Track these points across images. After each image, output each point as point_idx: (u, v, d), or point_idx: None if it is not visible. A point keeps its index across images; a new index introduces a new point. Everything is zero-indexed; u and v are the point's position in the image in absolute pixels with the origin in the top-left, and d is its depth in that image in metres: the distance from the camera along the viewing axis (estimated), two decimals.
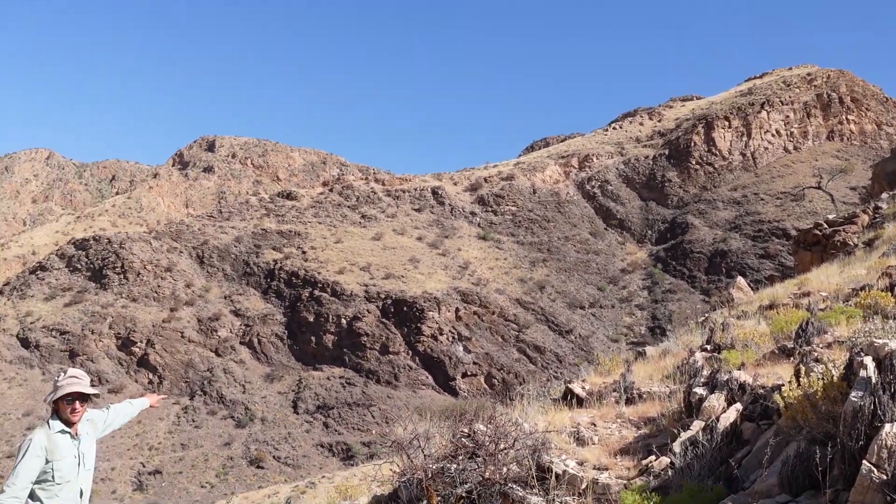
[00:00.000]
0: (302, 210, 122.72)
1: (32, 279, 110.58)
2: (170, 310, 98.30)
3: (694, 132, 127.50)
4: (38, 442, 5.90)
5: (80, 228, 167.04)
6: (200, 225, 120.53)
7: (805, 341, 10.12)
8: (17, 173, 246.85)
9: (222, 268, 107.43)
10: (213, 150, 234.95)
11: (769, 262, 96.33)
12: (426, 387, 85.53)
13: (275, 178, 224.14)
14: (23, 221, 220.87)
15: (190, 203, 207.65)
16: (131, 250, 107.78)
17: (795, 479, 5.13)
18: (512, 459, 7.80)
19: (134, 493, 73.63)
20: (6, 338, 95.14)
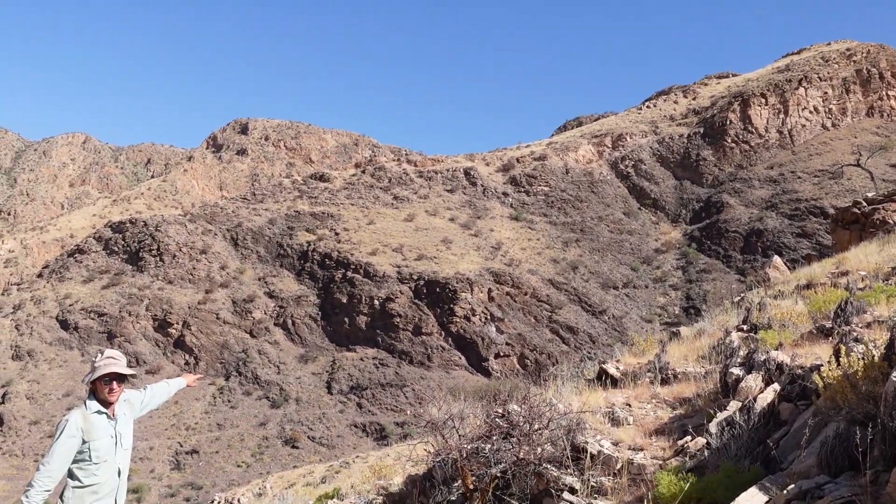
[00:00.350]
0: (334, 192, 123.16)
1: (71, 262, 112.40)
2: (205, 292, 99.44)
3: (730, 110, 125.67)
4: (74, 422, 5.98)
5: (116, 212, 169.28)
6: (234, 207, 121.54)
7: (844, 321, 9.96)
8: (54, 158, 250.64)
9: (256, 250, 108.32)
10: (247, 132, 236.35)
11: (806, 241, 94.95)
12: (459, 367, 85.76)
13: (307, 160, 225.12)
14: (60, 205, 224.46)
15: (224, 185, 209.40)
16: (167, 233, 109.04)
17: (834, 459, 5.06)
18: (546, 440, 7.79)
19: (172, 472, 74.87)
20: (46, 320, 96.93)
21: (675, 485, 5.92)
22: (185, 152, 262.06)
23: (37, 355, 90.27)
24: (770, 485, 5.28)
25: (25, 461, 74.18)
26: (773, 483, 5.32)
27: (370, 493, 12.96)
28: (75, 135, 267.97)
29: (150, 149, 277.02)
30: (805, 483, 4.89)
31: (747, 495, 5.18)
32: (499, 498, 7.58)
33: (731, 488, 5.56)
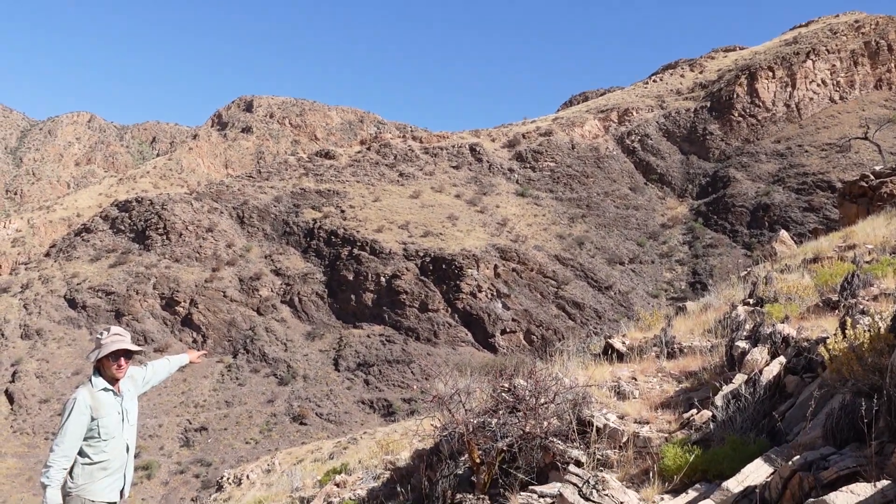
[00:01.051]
0: (340, 169, 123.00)
1: (78, 241, 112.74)
2: (212, 270, 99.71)
3: (737, 83, 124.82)
4: (83, 400, 6.01)
5: (122, 190, 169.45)
6: (240, 185, 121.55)
7: (850, 294, 9.94)
8: (59, 137, 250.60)
9: (262, 227, 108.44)
10: (251, 110, 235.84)
11: (813, 215, 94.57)
12: (465, 344, 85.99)
13: (312, 138, 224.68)
14: (67, 184, 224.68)
15: (229, 163, 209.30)
16: (173, 211, 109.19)
17: (840, 431, 5.07)
18: (552, 414, 7.82)
19: (181, 448, 75.49)
20: (54, 299, 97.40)
21: (680, 457, 5.94)
22: (190, 130, 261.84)
23: (45, 334, 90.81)
24: (775, 456, 5.30)
25: (36, 439, 74.87)
26: (778, 454, 5.34)
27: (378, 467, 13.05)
28: (80, 114, 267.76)
29: (156, 127, 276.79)
30: (810, 454, 4.90)
31: (752, 466, 5.20)
32: (505, 471, 7.62)
33: (736, 460, 5.58)
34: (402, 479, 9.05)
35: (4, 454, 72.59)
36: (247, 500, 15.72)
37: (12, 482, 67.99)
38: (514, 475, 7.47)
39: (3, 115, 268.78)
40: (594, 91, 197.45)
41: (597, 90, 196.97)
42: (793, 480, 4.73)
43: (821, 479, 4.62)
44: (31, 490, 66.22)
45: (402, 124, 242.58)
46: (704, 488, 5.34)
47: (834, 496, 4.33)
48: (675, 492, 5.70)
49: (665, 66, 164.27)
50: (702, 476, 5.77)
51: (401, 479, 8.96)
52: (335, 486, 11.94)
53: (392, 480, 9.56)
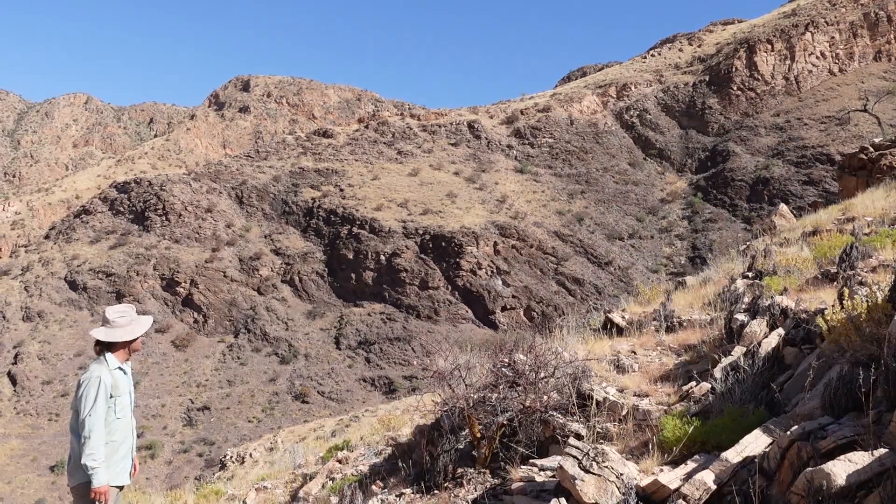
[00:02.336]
0: (338, 147, 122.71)
1: (77, 223, 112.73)
2: (212, 250, 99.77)
3: (735, 57, 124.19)
4: (105, 378, 6.02)
5: (120, 172, 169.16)
6: (238, 165, 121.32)
7: (849, 265, 9.94)
8: (56, 119, 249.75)
9: (261, 207, 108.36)
10: (248, 89, 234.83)
11: (813, 188, 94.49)
12: (466, 321, 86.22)
13: (310, 117, 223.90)
14: (65, 166, 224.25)
15: (227, 143, 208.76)
16: (172, 192, 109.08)
17: (838, 401, 5.09)
18: (552, 388, 7.84)
19: (184, 428, 75.90)
20: (55, 281, 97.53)
21: (679, 429, 5.97)
22: (187, 111, 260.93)
23: (47, 316, 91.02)
24: (774, 427, 5.33)
25: (39, 420, 75.24)
26: (776, 425, 5.37)
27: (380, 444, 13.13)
28: (77, 95, 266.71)
29: (153, 108, 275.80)
30: (808, 424, 4.93)
31: (751, 437, 5.23)
32: (506, 445, 7.66)
33: (735, 431, 5.61)
34: (403, 454, 9.10)
35: (8, 435, 73.00)
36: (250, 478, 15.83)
37: (17, 463, 68.42)
38: (515, 449, 7.52)
39: (0, 97, 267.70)
40: (592, 66, 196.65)
41: (595, 65, 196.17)
42: (791, 450, 4.76)
43: (819, 448, 4.65)
44: (36, 471, 66.67)
45: (400, 102, 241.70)
46: (703, 459, 5.38)
47: (832, 465, 4.35)
48: (674, 463, 5.73)
49: (663, 40, 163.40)
50: (701, 447, 5.80)
51: (402, 455, 9.01)
52: (337, 462, 12.02)
53: (394, 456, 9.62)
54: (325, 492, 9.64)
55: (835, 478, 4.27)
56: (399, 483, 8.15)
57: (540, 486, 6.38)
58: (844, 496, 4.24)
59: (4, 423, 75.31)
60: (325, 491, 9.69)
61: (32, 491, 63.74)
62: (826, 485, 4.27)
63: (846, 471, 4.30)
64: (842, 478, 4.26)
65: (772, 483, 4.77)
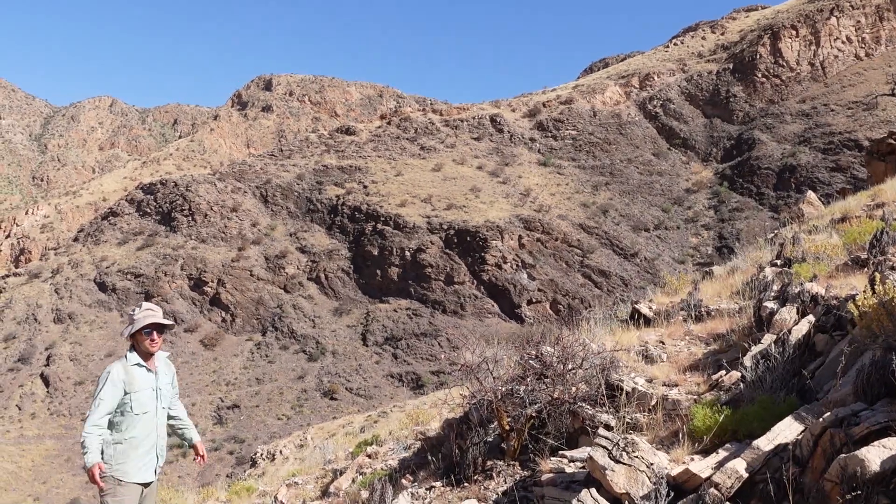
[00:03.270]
0: (361, 144, 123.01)
1: (105, 225, 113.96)
2: (238, 249, 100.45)
3: (759, 44, 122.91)
4: (117, 374, 6.08)
5: (146, 173, 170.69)
6: (262, 164, 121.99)
7: (880, 251, 9.81)
8: (82, 122, 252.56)
9: (286, 206, 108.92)
10: (271, 88, 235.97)
11: (840, 175, 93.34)
12: (492, 315, 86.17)
13: (332, 114, 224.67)
14: (91, 169, 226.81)
15: (251, 143, 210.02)
16: (197, 192, 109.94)
17: (871, 387, 5.03)
18: (580, 379, 7.82)
19: (214, 426, 76.57)
20: (84, 283, 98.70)
21: (710, 418, 5.93)
22: (210, 111, 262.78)
23: (77, 318, 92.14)
24: (806, 414, 5.28)
25: (72, 420, 76.20)
26: (808, 412, 5.32)
27: (408, 438, 13.16)
28: (102, 98, 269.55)
29: (177, 109, 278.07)
30: (841, 411, 4.88)
31: (783, 425, 5.19)
32: (535, 437, 7.65)
33: (766, 419, 5.56)
34: (432, 448, 9.12)
35: (42, 436, 74.06)
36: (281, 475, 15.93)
37: (51, 463, 69.40)
38: (544, 441, 7.50)
39: (27, 102, 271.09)
40: (614, 57, 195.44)
41: (617, 56, 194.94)
42: (824, 437, 4.72)
43: (852, 434, 4.61)
44: (71, 471, 67.54)
45: (422, 97, 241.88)
46: (735, 448, 5.34)
47: (865, 451, 4.31)
48: (705, 452, 5.70)
49: (686, 28, 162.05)
50: (732, 436, 5.76)
51: (431, 449, 9.03)
52: (367, 457, 12.06)
53: (423, 450, 9.63)
54: (355, 486, 9.69)
55: (869, 464, 4.23)
56: (429, 476, 8.16)
57: (570, 477, 6.36)
58: (879, 482, 4.20)
59: (39, 424, 76.41)
60: (356, 485, 9.74)
61: (67, 490, 64.62)
62: (860, 471, 4.22)
63: (880, 456, 4.25)
64: (876, 464, 4.22)
65: (804, 470, 4.73)
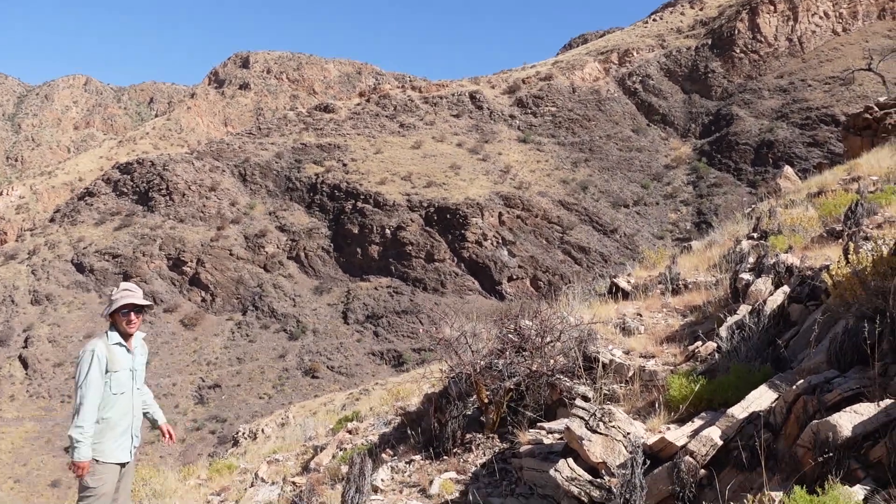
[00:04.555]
0: (340, 122, 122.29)
1: (81, 205, 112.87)
2: (217, 228, 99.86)
3: (738, 19, 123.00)
4: (100, 351, 6.02)
5: (122, 153, 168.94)
6: (240, 143, 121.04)
7: (854, 223, 9.91)
8: (56, 101, 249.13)
9: (265, 184, 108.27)
10: (248, 66, 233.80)
11: (818, 150, 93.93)
12: (473, 292, 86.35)
13: (311, 92, 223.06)
14: (67, 148, 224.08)
15: (228, 121, 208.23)
16: (175, 172, 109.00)
17: (844, 355, 5.09)
18: (558, 352, 7.87)
19: (196, 406, 76.46)
20: (61, 264, 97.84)
21: (685, 387, 5.98)
22: (187, 89, 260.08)
23: (55, 299, 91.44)
24: (780, 382, 5.33)
25: (52, 402, 75.83)
26: (782, 380, 5.37)
27: (389, 414, 13.19)
28: (76, 77, 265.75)
29: (153, 87, 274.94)
30: (814, 378, 4.93)
31: (757, 393, 5.24)
32: (513, 410, 7.70)
33: (741, 388, 5.61)
34: (412, 422, 9.14)
35: (22, 418, 73.66)
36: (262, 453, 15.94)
37: (31, 444, 69.09)
38: (523, 413, 7.55)
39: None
40: (594, 33, 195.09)
41: (596, 32, 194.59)
42: (797, 404, 4.77)
43: (825, 401, 4.66)
44: (51, 452, 67.31)
45: (401, 74, 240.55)
46: (710, 416, 5.38)
47: (838, 416, 4.36)
48: (680, 421, 5.75)
49: (665, 4, 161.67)
50: (707, 405, 5.81)
51: (411, 423, 9.05)
52: (347, 433, 12.09)
53: (403, 425, 9.66)
54: (335, 462, 9.71)
55: (841, 429, 4.28)
56: (409, 450, 8.19)
57: (548, 448, 6.41)
58: (850, 447, 4.25)
59: (18, 407, 75.96)
60: (336, 461, 9.76)
61: (48, 472, 64.42)
62: (832, 436, 4.27)
63: (852, 422, 4.31)
64: (847, 429, 4.27)
65: (778, 437, 4.79)
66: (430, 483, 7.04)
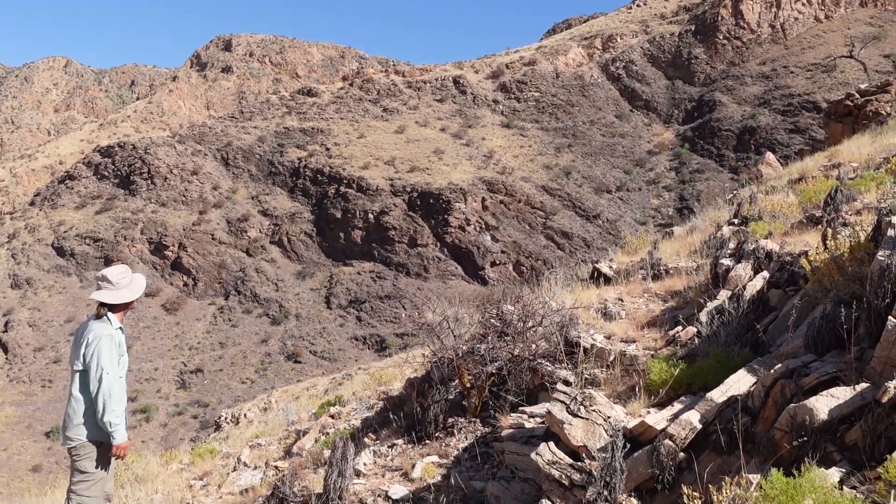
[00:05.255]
0: (323, 106, 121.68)
1: (62, 189, 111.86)
2: (199, 213, 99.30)
3: (721, 5, 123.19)
4: (115, 336, 6.02)
5: (104, 136, 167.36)
6: (223, 126, 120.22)
7: (834, 209, 10.00)
8: (36, 83, 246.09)
9: (247, 168, 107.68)
10: (230, 49, 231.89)
11: (799, 136, 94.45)
12: (455, 277, 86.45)
13: (294, 75, 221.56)
14: (47, 131, 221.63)
15: (211, 104, 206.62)
16: (156, 155, 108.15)
17: (821, 339, 5.15)
18: (540, 336, 7.92)
19: (178, 391, 76.24)
20: (42, 247, 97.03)
21: (665, 372, 6.04)
22: (169, 72, 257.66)
23: (35, 283, 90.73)
24: (758, 366, 5.40)
25: (33, 387, 75.40)
26: (761, 365, 5.44)
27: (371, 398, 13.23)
28: (56, 59, 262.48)
29: (134, 70, 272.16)
30: (792, 362, 5.00)
31: (736, 377, 5.30)
32: (495, 394, 7.75)
33: (720, 372, 5.68)
34: (394, 407, 9.18)
35: (2, 403, 73.19)
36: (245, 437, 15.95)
37: (12, 430, 68.68)
38: (505, 398, 7.60)
39: None
40: (577, 18, 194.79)
41: (580, 17, 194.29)
42: (775, 388, 4.83)
43: (802, 385, 4.72)
44: (32, 437, 66.98)
45: (385, 59, 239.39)
46: (689, 400, 5.45)
47: (814, 400, 4.43)
48: (660, 405, 5.81)
49: None
50: (687, 389, 5.87)
51: (394, 408, 9.09)
52: (330, 417, 12.11)
53: (385, 409, 9.70)
54: (318, 446, 9.73)
55: (817, 412, 4.34)
56: (391, 434, 8.23)
57: (529, 432, 6.46)
58: (827, 430, 4.32)
59: None
60: (318, 445, 9.79)
61: (29, 457, 64.10)
62: (809, 419, 4.34)
63: (828, 405, 4.37)
64: (824, 412, 4.34)
65: (756, 421, 4.85)
66: (412, 467, 7.08)
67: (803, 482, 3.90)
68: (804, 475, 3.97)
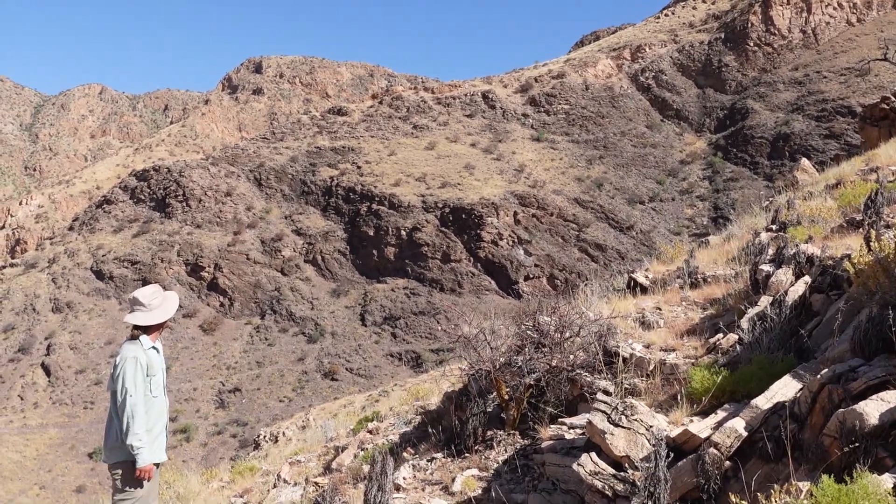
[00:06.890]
0: (353, 125, 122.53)
1: (99, 213, 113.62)
2: (233, 233, 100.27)
3: (751, 12, 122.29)
4: (142, 358, 6.05)
5: (139, 160, 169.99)
6: (255, 147, 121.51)
7: (875, 212, 9.82)
8: (73, 110, 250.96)
9: (280, 188, 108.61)
10: (261, 71, 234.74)
11: (834, 141, 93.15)
12: (490, 292, 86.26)
13: (324, 95, 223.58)
14: (84, 157, 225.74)
15: (242, 126, 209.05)
16: (191, 178, 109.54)
17: (868, 343, 5.04)
18: (578, 347, 7.84)
19: (217, 410, 76.77)
20: (81, 271, 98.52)
21: (707, 379, 5.94)
22: (201, 96, 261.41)
23: (76, 306, 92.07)
24: (803, 372, 5.29)
25: (75, 409, 76.39)
26: (806, 370, 5.33)
27: (409, 413, 13.20)
28: (91, 86, 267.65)
29: (167, 94, 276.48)
30: (839, 367, 4.88)
31: (781, 383, 5.19)
32: (534, 406, 7.68)
33: (764, 379, 5.57)
34: (433, 421, 9.14)
35: (46, 425, 74.21)
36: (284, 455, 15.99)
37: (55, 451, 69.61)
38: (543, 409, 7.53)
39: (16, 92, 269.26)
40: (605, 29, 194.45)
41: (608, 28, 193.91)
42: (822, 393, 4.72)
43: (850, 390, 4.61)
44: (75, 458, 67.82)
45: (413, 76, 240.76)
46: (733, 408, 5.34)
47: (864, 405, 4.32)
48: (703, 414, 5.71)
49: None
50: (730, 397, 5.77)
51: (432, 422, 9.05)
52: (368, 433, 12.10)
53: (423, 423, 9.66)
54: (357, 461, 9.71)
55: (867, 417, 4.23)
56: (430, 448, 8.19)
57: (570, 443, 6.38)
58: (878, 435, 4.20)
59: (41, 414, 76.54)
60: (358, 461, 9.77)
61: (72, 478, 64.90)
62: (859, 425, 4.23)
63: (879, 410, 4.26)
64: (874, 417, 4.23)
65: (803, 427, 4.74)
66: (452, 480, 7.03)
67: (856, 488, 3.80)
68: (856, 481, 3.87)
